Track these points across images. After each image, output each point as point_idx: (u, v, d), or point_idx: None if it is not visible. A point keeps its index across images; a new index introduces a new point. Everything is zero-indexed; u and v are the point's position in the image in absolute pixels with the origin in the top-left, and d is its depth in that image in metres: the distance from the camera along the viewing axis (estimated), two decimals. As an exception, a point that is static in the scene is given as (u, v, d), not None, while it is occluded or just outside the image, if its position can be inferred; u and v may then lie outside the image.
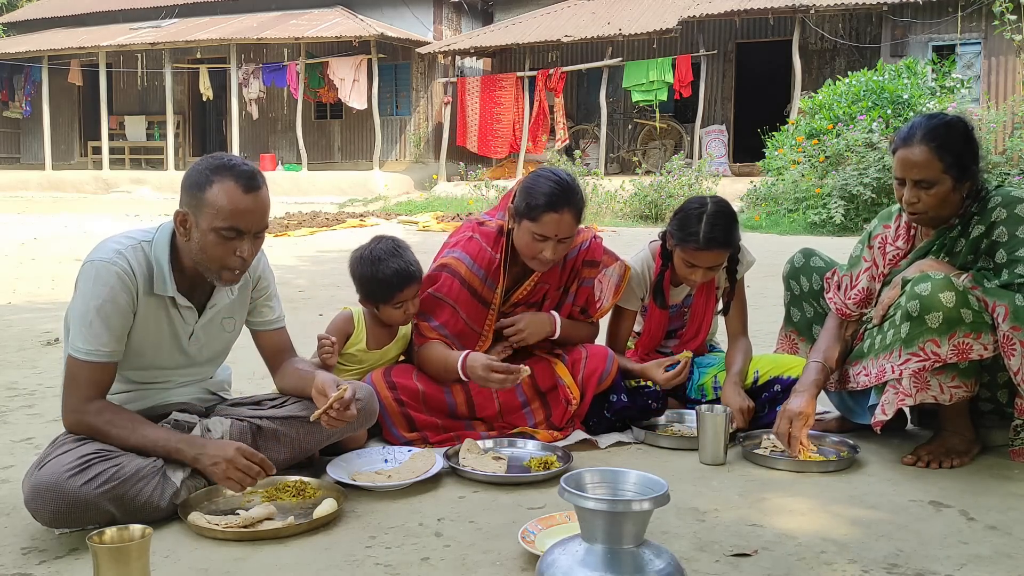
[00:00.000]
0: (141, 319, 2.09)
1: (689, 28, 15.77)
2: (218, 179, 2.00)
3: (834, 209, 10.66)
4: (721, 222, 2.70)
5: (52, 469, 1.88)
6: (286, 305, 2.57)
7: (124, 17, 21.52)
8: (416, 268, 2.65)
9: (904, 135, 2.47)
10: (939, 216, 2.48)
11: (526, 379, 2.61)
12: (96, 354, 2.02)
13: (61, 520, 1.88)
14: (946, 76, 12.47)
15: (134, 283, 2.05)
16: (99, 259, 2.05)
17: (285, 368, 2.35)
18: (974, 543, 1.92)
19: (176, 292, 2.11)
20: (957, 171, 2.41)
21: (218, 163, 2.04)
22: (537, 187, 2.54)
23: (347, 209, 15.21)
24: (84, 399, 2.02)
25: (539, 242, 2.54)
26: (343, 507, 2.07)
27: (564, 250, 2.61)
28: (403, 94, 19.37)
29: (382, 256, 2.63)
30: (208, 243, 2.02)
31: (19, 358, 3.98)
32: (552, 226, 2.51)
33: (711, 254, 2.71)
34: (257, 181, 2.04)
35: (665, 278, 2.90)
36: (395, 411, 2.59)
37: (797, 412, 2.46)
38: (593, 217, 12.61)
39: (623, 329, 2.97)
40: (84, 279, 2.05)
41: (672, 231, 2.78)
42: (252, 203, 2.02)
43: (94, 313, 2.01)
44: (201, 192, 2.01)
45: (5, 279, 6.84)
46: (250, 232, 2.04)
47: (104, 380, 2.06)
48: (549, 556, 1.48)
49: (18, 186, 20.30)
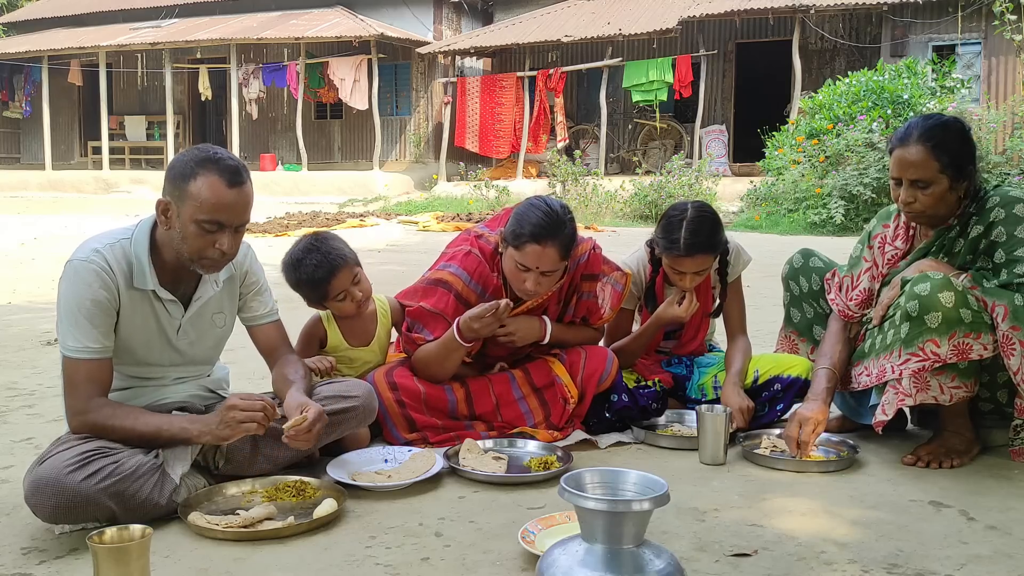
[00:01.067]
0: (126, 315, 2.10)
1: (689, 28, 15.76)
2: (202, 171, 2.00)
3: (834, 209, 10.67)
4: (702, 227, 2.70)
5: (53, 464, 1.89)
6: (286, 305, 2.57)
7: (124, 17, 21.52)
8: (337, 255, 2.59)
9: (901, 135, 2.48)
10: (936, 216, 2.48)
11: (521, 374, 2.67)
12: (86, 351, 2.03)
13: (61, 515, 1.88)
14: (946, 76, 12.47)
15: (113, 279, 2.06)
16: (77, 259, 2.06)
17: (277, 369, 2.35)
18: (974, 543, 1.92)
19: (157, 285, 2.12)
20: (953, 171, 2.41)
21: (203, 155, 2.03)
22: (526, 216, 2.49)
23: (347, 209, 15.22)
24: (85, 398, 2.03)
25: (521, 271, 2.51)
26: (343, 507, 2.07)
27: (549, 284, 2.56)
28: (403, 94, 19.37)
29: (300, 256, 2.60)
30: (189, 234, 2.03)
31: (19, 358, 3.98)
32: (533, 258, 2.46)
33: (694, 260, 2.71)
34: (241, 176, 2.04)
35: (657, 283, 2.90)
36: (396, 412, 2.59)
37: (808, 417, 2.46)
38: (593, 217, 12.62)
39: (621, 328, 2.97)
40: (64, 280, 2.07)
41: (656, 239, 2.79)
42: (235, 197, 2.02)
43: (76, 311, 2.03)
44: (185, 183, 2.01)
45: (5, 279, 6.84)
46: (231, 226, 2.05)
47: (102, 377, 2.06)
48: (549, 556, 1.48)
49: (18, 186, 20.29)
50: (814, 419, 2.46)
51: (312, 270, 2.57)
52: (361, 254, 2.77)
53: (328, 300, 2.63)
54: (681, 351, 3.02)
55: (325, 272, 2.57)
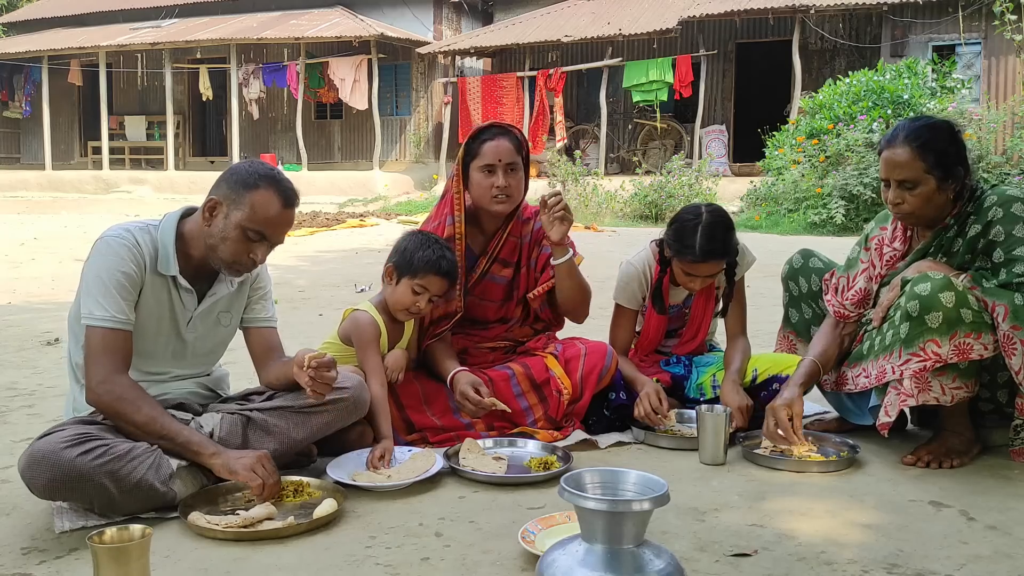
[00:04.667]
0: (145, 296, 2.16)
1: (689, 28, 15.77)
2: (265, 185, 2.14)
3: (834, 209, 10.67)
4: (717, 233, 2.69)
5: (49, 440, 1.93)
6: (286, 305, 2.58)
7: (124, 17, 21.52)
8: (456, 270, 2.64)
9: (888, 137, 2.51)
10: (925, 216, 2.49)
11: (520, 370, 2.70)
12: (112, 320, 2.08)
13: (56, 491, 1.90)
14: (946, 76, 12.47)
15: (141, 257, 2.14)
16: (110, 235, 2.15)
17: (270, 364, 2.37)
18: (974, 543, 1.92)
19: (178, 273, 2.19)
20: (940, 171, 2.42)
21: (269, 171, 2.18)
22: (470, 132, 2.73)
23: (347, 209, 15.23)
24: (112, 370, 2.06)
25: (488, 176, 2.66)
26: (343, 507, 2.07)
27: (517, 183, 2.68)
28: (403, 94, 19.37)
29: (443, 246, 2.64)
30: (231, 237, 2.13)
31: (19, 358, 3.99)
32: (492, 153, 2.64)
33: (708, 265, 2.72)
34: (295, 201, 2.21)
35: (664, 283, 2.89)
36: (394, 415, 2.59)
37: (780, 405, 2.48)
38: (593, 217, 12.62)
39: (624, 330, 2.96)
40: (96, 254, 2.14)
41: (668, 241, 2.78)
42: (285, 218, 2.19)
43: (108, 281, 2.09)
44: (246, 190, 2.13)
45: (5, 279, 6.84)
46: (271, 241, 2.19)
47: (126, 350, 2.11)
48: (549, 556, 1.48)
49: (18, 186, 20.30)
50: (787, 406, 2.47)
51: (439, 260, 2.58)
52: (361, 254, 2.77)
53: (414, 282, 2.58)
54: (681, 350, 3.02)
55: (445, 270, 2.59)
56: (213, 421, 2.19)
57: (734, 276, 2.90)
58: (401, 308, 2.62)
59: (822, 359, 2.63)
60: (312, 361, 2.12)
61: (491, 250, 2.80)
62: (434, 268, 2.58)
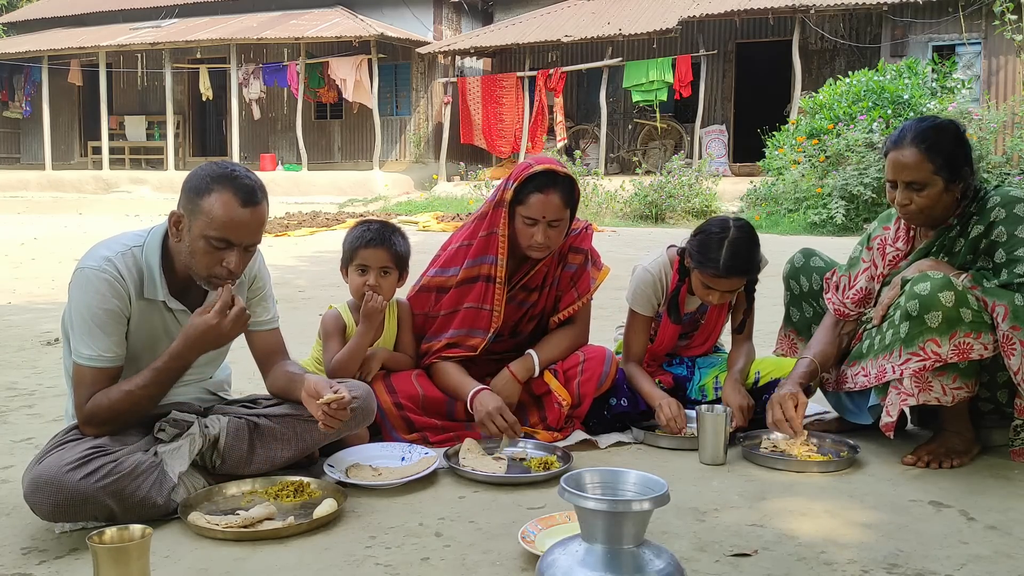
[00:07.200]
0: (136, 324, 2.11)
1: (689, 28, 15.77)
2: (218, 188, 2.00)
3: (834, 209, 10.66)
4: (742, 249, 2.63)
5: (52, 463, 1.90)
6: (286, 305, 2.57)
7: (124, 17, 21.52)
8: (389, 236, 2.65)
9: (895, 138, 2.50)
10: (931, 217, 2.49)
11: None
12: (100, 360, 2.04)
13: (61, 514, 1.89)
14: (946, 76, 12.47)
15: (124, 288, 2.06)
16: (88, 266, 2.06)
17: (276, 370, 2.34)
18: (974, 543, 1.92)
19: (168, 296, 2.12)
20: (948, 172, 2.42)
21: (221, 171, 2.03)
22: (523, 173, 2.61)
23: (347, 209, 15.22)
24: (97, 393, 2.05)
25: (529, 226, 2.57)
26: (343, 507, 2.07)
27: (557, 237, 2.61)
28: (403, 94, 19.36)
29: (368, 222, 2.71)
30: (197, 249, 2.03)
31: (19, 358, 3.98)
32: (538, 208, 2.54)
33: (730, 280, 2.66)
34: (256, 196, 2.04)
35: (680, 292, 2.83)
36: (394, 415, 2.60)
37: (783, 395, 2.49)
38: (593, 217, 12.62)
39: (639, 337, 2.89)
40: (75, 287, 2.07)
41: (691, 252, 2.71)
42: (247, 217, 2.02)
43: (90, 321, 2.03)
44: (199, 198, 2.01)
45: (5, 279, 6.84)
46: (240, 245, 2.04)
47: (115, 378, 2.09)
48: (549, 556, 1.48)
49: (18, 186, 20.28)
50: (789, 397, 2.48)
51: (363, 233, 2.66)
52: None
53: (352, 265, 2.66)
54: (688, 353, 3.01)
55: (369, 239, 2.64)
56: (220, 424, 2.17)
57: (754, 292, 2.83)
58: (358, 295, 2.66)
59: (820, 358, 2.63)
60: (332, 403, 2.08)
61: (521, 280, 2.74)
62: (360, 242, 2.65)
